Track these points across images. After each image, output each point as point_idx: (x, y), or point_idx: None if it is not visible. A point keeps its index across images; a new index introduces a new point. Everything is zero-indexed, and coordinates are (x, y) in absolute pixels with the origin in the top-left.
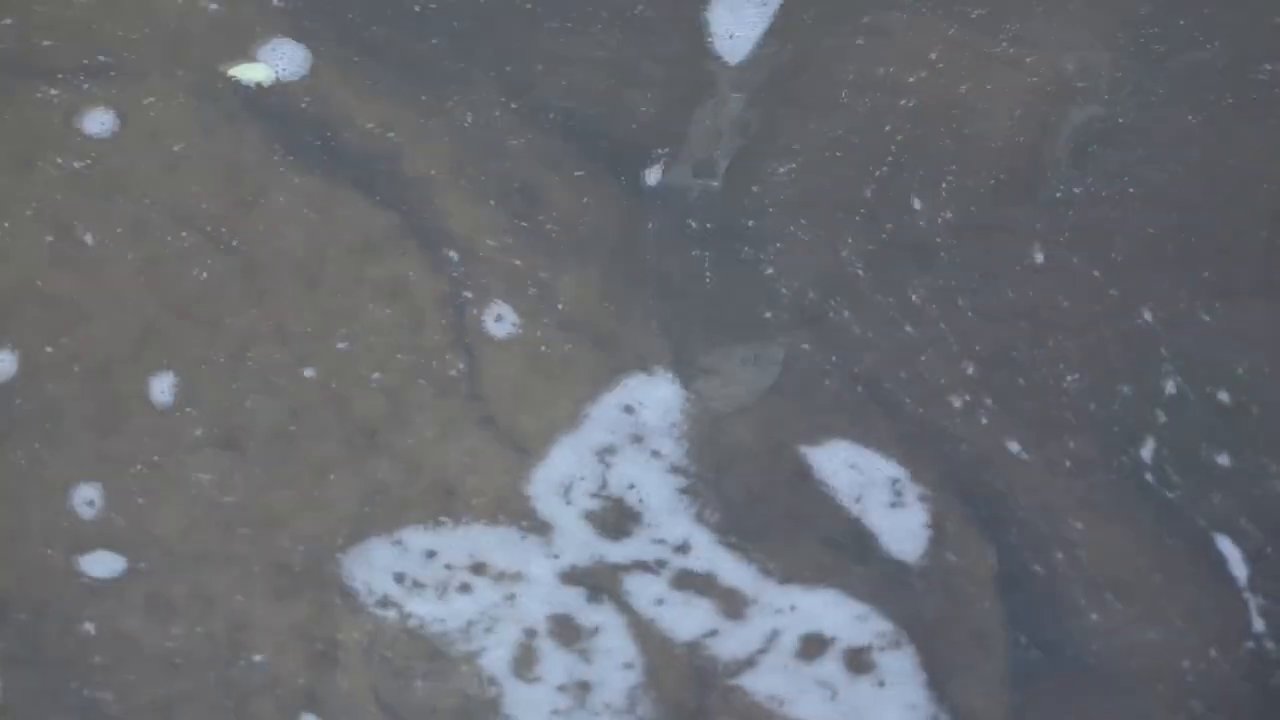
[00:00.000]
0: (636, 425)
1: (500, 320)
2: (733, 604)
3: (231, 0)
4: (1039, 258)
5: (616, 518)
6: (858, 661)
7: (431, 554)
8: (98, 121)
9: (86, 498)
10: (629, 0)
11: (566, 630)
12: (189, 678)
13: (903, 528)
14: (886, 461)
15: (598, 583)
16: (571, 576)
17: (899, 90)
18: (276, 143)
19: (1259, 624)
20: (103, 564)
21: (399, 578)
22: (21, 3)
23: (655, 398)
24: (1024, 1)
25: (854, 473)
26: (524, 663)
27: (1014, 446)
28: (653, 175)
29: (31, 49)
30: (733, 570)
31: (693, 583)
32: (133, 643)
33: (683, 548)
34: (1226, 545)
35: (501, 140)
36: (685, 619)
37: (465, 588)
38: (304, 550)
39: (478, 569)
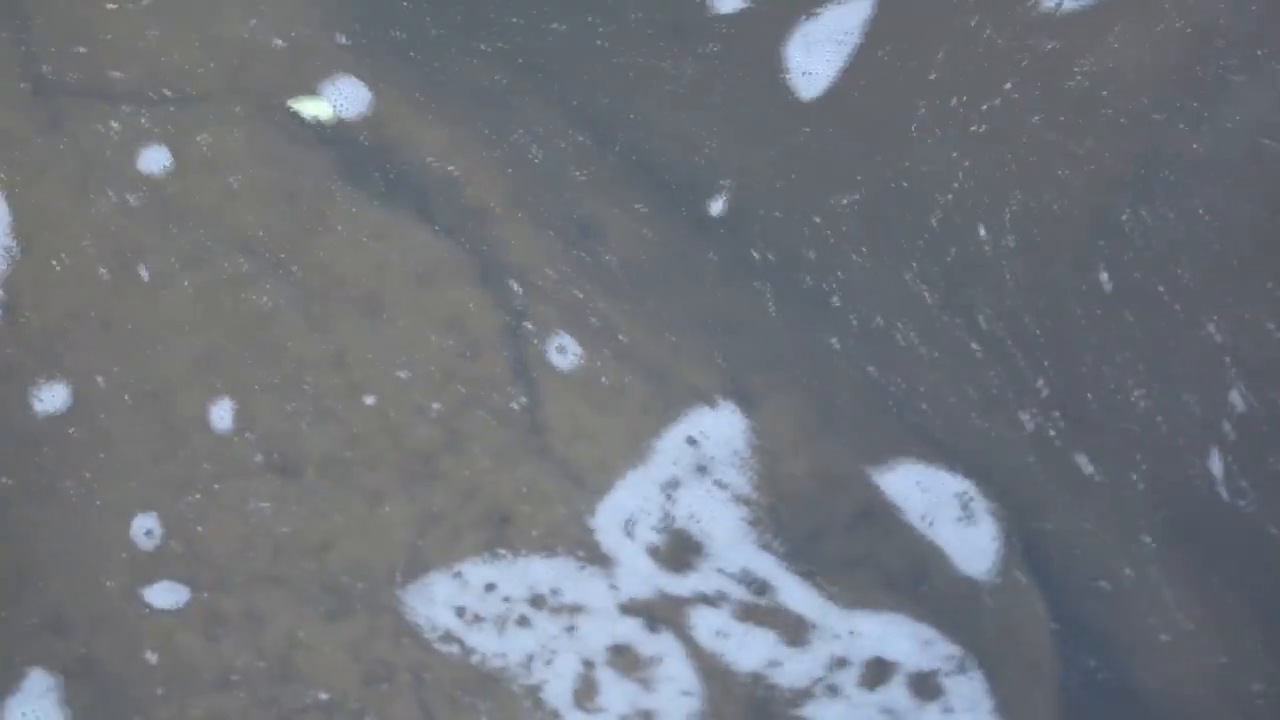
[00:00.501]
0: (700, 456)
1: (563, 351)
2: (795, 631)
3: (297, 36)
4: (1104, 277)
5: (679, 550)
6: (924, 687)
7: (491, 586)
8: (153, 159)
9: (145, 527)
10: (703, 36)
11: (626, 659)
12: (242, 700)
13: (972, 544)
14: (953, 476)
15: (657, 614)
16: (631, 607)
17: (970, 118)
18: (336, 174)
19: None
20: (166, 595)
21: (460, 611)
22: (96, 32)
23: (718, 429)
24: (1098, 36)
25: (922, 493)
26: (585, 694)
27: (1083, 461)
28: (716, 206)
29: (100, 79)
30: (796, 597)
31: (755, 613)
32: (189, 666)
33: (744, 576)
34: None
35: (565, 173)
36: (748, 649)
37: (524, 620)
38: (361, 577)
39: (536, 601)
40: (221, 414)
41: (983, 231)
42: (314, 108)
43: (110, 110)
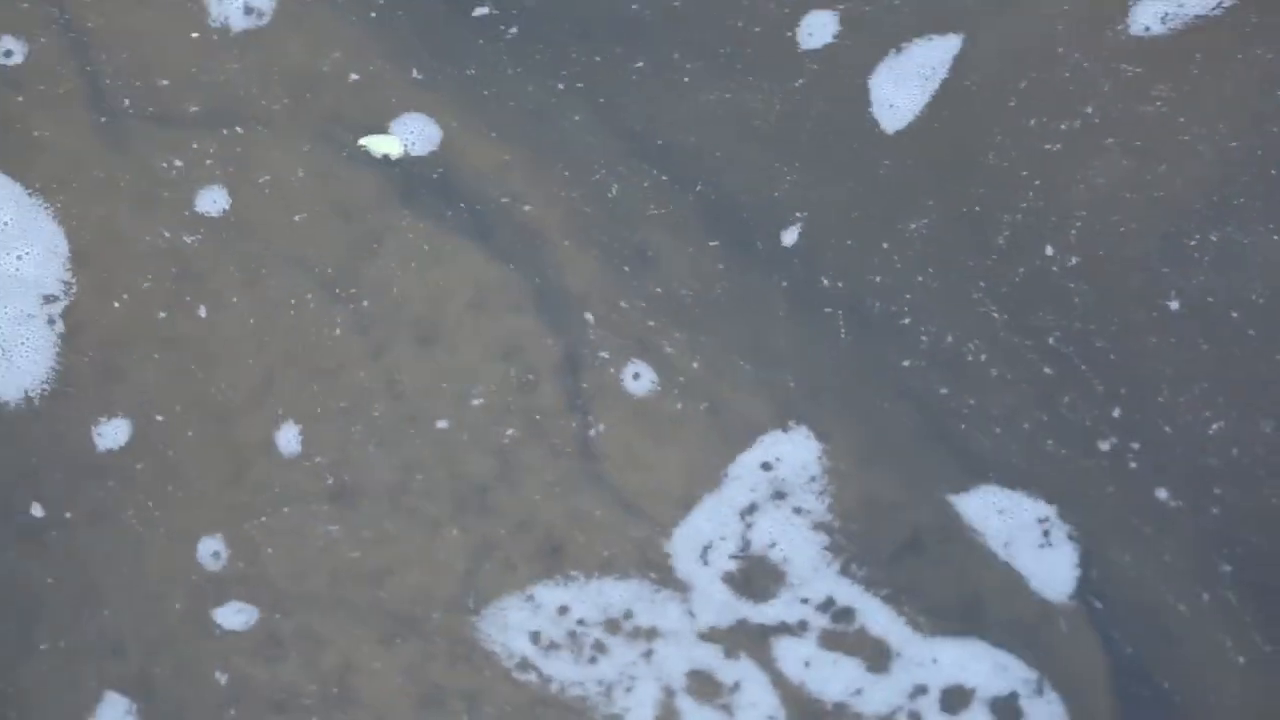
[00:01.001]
0: (776, 482)
1: (638, 379)
2: (878, 658)
3: (373, 70)
4: (1174, 305)
5: (760, 577)
6: (1004, 711)
7: (564, 609)
8: (212, 198)
9: (211, 549)
10: (792, 71)
11: (706, 686)
12: None
13: (1052, 569)
14: (1034, 501)
15: (738, 641)
16: (710, 635)
17: (1046, 137)
18: (405, 209)
19: None
20: (236, 616)
21: (535, 637)
22: (180, 64)
23: (793, 454)
24: (1180, 62)
25: (1002, 518)
26: None
27: (1162, 494)
28: (789, 237)
29: (177, 113)
30: (879, 622)
31: (841, 641)
32: (249, 688)
33: (827, 604)
34: None
35: (640, 209)
36: (832, 678)
37: (601, 647)
38: (418, 604)
39: (611, 626)
40: (283, 441)
41: (1050, 250)
42: (384, 145)
43: (180, 146)
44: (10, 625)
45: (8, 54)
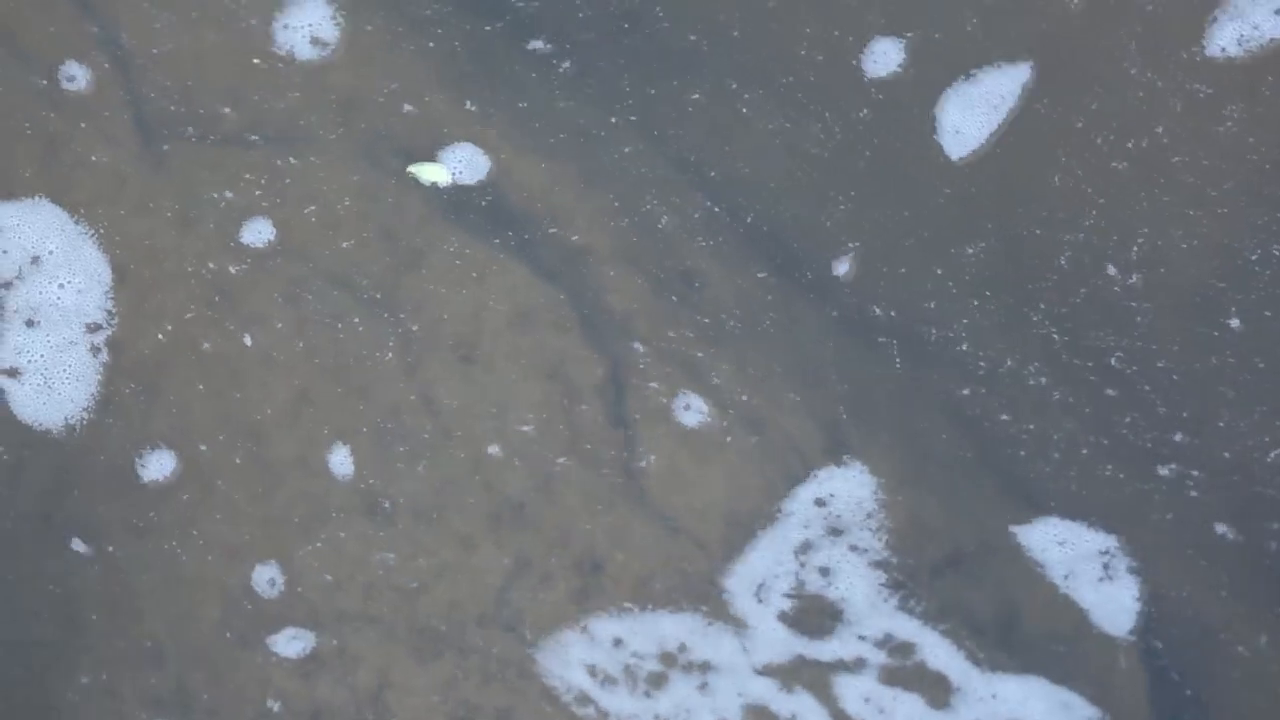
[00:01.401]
0: (831, 518)
1: (689, 410)
2: (938, 692)
3: (429, 101)
4: (1234, 323)
5: (817, 615)
6: None
7: (619, 642)
8: (256, 231)
9: (267, 576)
10: (857, 99)
11: (764, 718)
12: None
13: (1112, 603)
14: (1094, 533)
15: (796, 678)
16: (766, 671)
17: (1114, 154)
18: (453, 234)
19: None
20: (293, 643)
21: (591, 670)
22: (245, 92)
23: (847, 490)
24: (1252, 83)
25: (1062, 549)
26: None
27: (1221, 528)
28: (840, 266)
29: (237, 142)
30: (938, 656)
31: (900, 676)
32: (288, 704)
33: (886, 640)
34: None
35: (691, 239)
36: (893, 713)
37: (656, 679)
38: (452, 620)
39: (666, 659)
40: (331, 464)
41: (1112, 270)
42: (432, 173)
43: (232, 176)
44: (53, 653)
45: (70, 79)
